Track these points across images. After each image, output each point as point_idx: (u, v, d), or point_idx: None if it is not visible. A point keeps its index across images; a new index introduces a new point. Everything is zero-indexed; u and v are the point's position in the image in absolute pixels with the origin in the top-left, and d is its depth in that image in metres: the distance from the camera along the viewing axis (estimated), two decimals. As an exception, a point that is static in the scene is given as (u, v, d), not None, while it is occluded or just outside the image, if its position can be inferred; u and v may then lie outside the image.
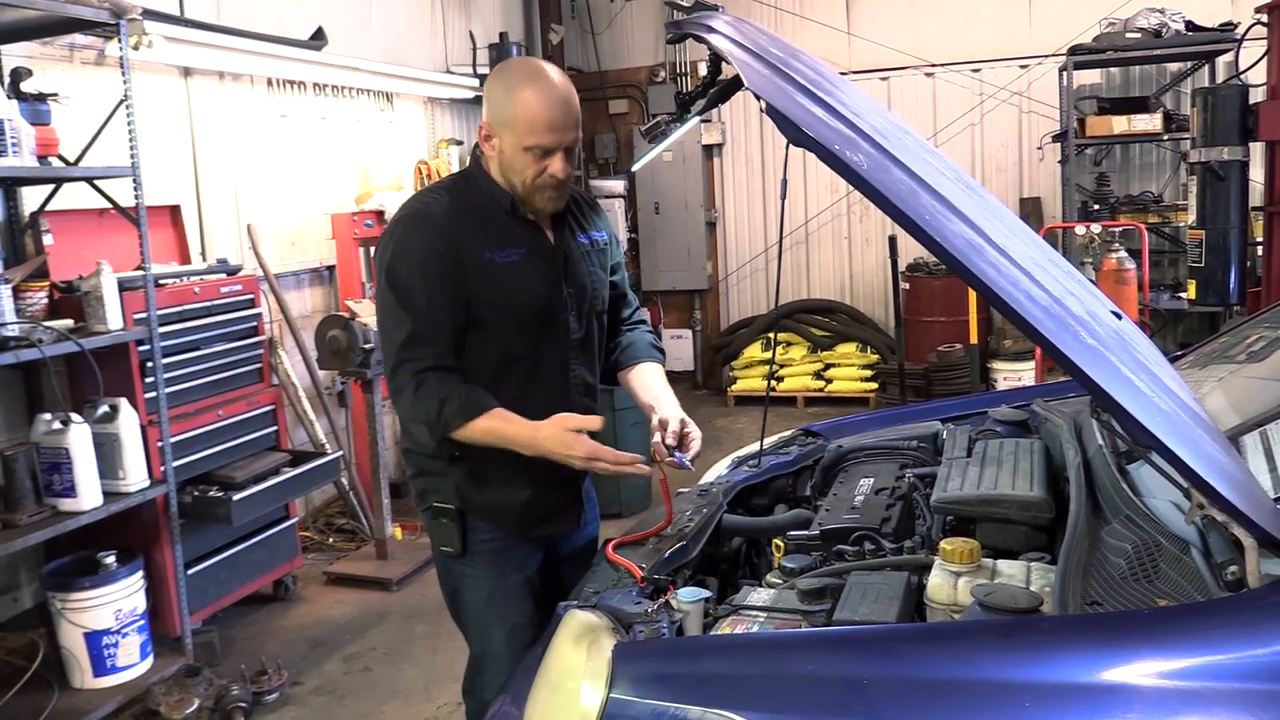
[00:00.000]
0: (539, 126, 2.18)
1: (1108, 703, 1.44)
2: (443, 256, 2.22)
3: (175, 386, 4.24)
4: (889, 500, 2.42)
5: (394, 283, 2.24)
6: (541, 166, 2.23)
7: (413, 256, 2.22)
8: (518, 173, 2.25)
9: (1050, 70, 7.93)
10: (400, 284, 2.23)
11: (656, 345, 2.66)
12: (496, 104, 2.24)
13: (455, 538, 2.43)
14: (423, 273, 2.21)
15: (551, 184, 2.25)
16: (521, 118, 2.19)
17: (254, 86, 5.61)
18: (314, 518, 5.90)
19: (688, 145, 8.98)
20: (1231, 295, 5.99)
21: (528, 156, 2.21)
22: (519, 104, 2.19)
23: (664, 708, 1.65)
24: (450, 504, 2.42)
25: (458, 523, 2.42)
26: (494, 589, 2.45)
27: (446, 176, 2.48)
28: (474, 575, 2.47)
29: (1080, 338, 1.66)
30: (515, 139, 2.21)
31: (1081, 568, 1.75)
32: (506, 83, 2.23)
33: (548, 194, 2.28)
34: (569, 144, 2.24)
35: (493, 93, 2.26)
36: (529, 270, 2.31)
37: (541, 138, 2.19)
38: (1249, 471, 1.81)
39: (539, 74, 2.22)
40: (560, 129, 2.20)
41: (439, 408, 2.20)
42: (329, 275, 6.18)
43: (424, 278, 2.22)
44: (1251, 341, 2.90)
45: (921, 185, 1.74)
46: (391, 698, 3.99)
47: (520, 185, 2.27)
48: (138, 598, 3.96)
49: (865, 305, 8.99)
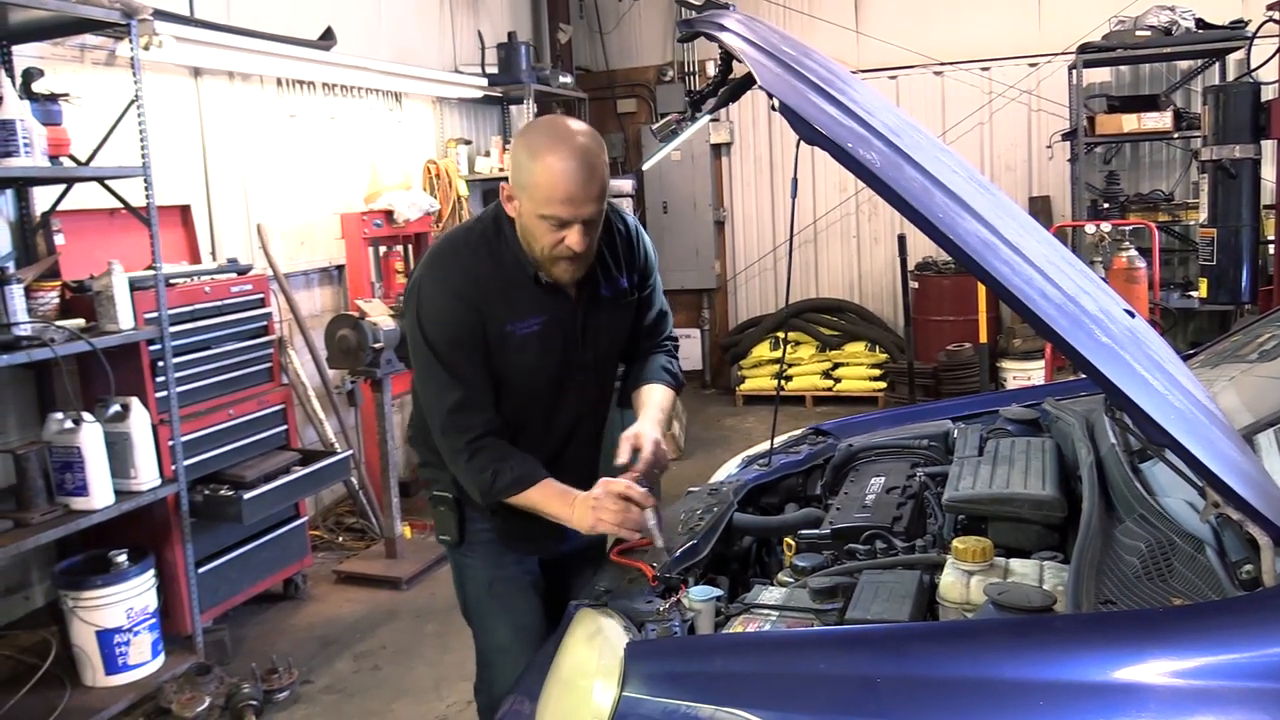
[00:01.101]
0: (555, 197, 2.08)
1: (1122, 702, 1.44)
2: (472, 327, 2.20)
3: (186, 386, 4.25)
4: (900, 499, 2.41)
5: (433, 348, 2.22)
6: (558, 237, 2.13)
7: (447, 328, 2.20)
8: (535, 239, 2.17)
9: (1060, 68, 7.91)
10: (439, 352, 2.21)
11: (669, 368, 2.54)
12: (517, 166, 2.14)
13: (453, 526, 2.47)
14: (458, 343, 2.20)
15: (567, 255, 2.16)
16: (540, 185, 2.08)
17: (263, 86, 5.62)
18: (324, 517, 5.91)
19: (696, 144, 8.97)
20: (1243, 294, 5.96)
21: (544, 225, 2.12)
22: (538, 171, 2.08)
23: (676, 706, 1.65)
24: (448, 492, 2.44)
25: (455, 511, 2.45)
26: (493, 578, 2.47)
27: (480, 221, 2.32)
28: (473, 565, 2.50)
29: (1094, 336, 1.66)
30: (532, 206, 2.11)
31: (1095, 566, 1.74)
32: (530, 145, 2.13)
33: (564, 265, 2.19)
34: (587, 217, 2.12)
35: (515, 154, 2.16)
36: (548, 339, 2.28)
37: (557, 209, 2.09)
38: (1264, 470, 1.81)
39: (564, 140, 2.09)
40: (578, 202, 2.09)
41: (491, 479, 2.22)
42: (338, 275, 6.18)
43: (460, 347, 2.20)
44: (1263, 340, 2.88)
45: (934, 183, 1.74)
46: (401, 696, 4.00)
47: (538, 252, 2.19)
48: (149, 596, 3.97)
49: (874, 304, 8.98)
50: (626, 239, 2.42)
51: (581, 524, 2.16)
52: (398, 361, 5.16)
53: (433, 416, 2.29)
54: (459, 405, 2.22)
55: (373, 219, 5.84)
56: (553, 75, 8.00)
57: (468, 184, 7.02)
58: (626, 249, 2.41)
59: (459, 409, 2.22)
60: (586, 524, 2.15)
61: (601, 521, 2.12)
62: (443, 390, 2.23)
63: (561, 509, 2.21)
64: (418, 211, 6.03)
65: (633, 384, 2.52)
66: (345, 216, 5.87)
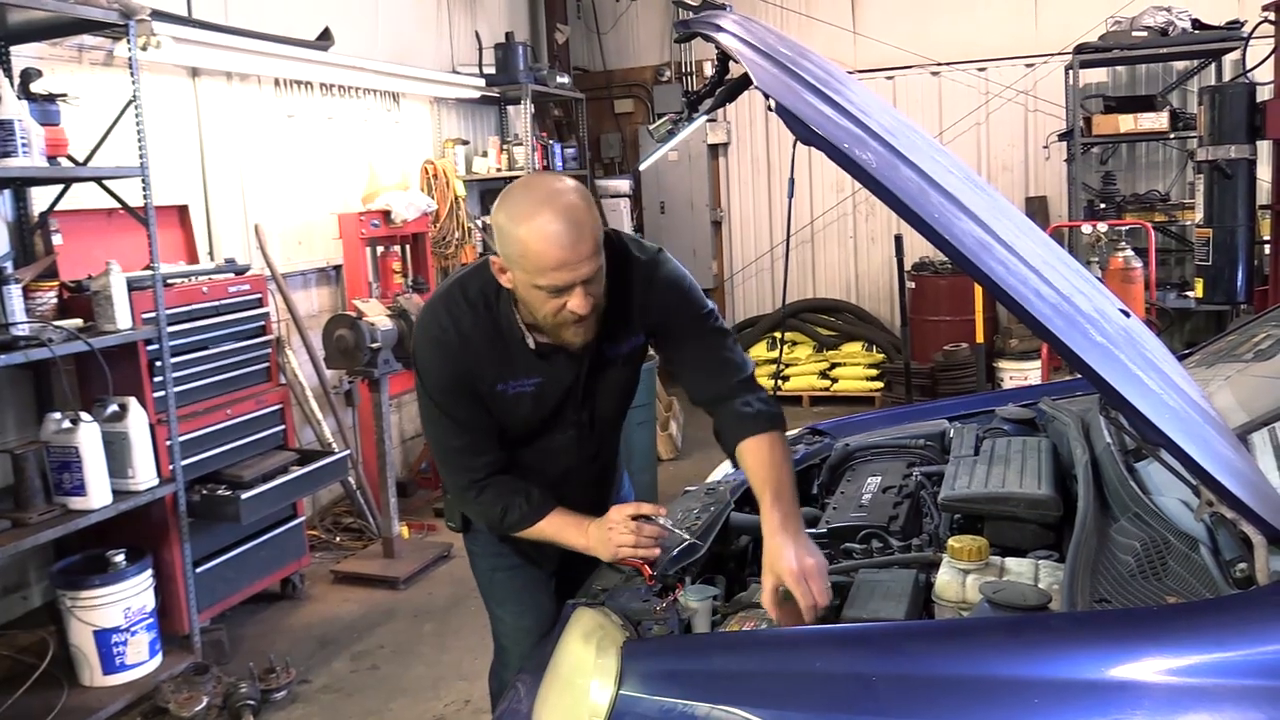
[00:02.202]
0: (547, 265, 1.93)
1: (1117, 700, 1.45)
2: (461, 379, 2.16)
3: (183, 385, 4.26)
4: (896, 498, 2.42)
5: (430, 395, 2.21)
6: (559, 304, 1.99)
7: (443, 382, 2.18)
8: (536, 309, 2.04)
9: (1056, 69, 7.92)
10: (436, 400, 2.20)
11: (743, 412, 2.20)
12: (502, 238, 2.00)
13: (458, 514, 2.49)
14: (452, 391, 2.18)
15: (573, 320, 2.02)
16: (529, 256, 1.94)
17: (261, 86, 5.62)
18: (321, 516, 5.91)
19: (693, 145, 8.98)
20: (1239, 294, 5.98)
21: (542, 294, 1.98)
22: (523, 240, 1.93)
23: (673, 704, 1.66)
24: None
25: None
26: (495, 565, 2.50)
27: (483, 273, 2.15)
28: (477, 553, 2.54)
29: (1089, 335, 1.66)
30: (526, 277, 1.98)
31: (1090, 565, 1.75)
32: (510, 214, 1.97)
33: (572, 329, 2.06)
34: (586, 277, 1.96)
35: (498, 226, 2.01)
36: (541, 397, 2.22)
37: (553, 278, 1.94)
38: (1258, 469, 1.82)
39: (545, 202, 1.93)
40: (571, 265, 1.93)
41: (501, 515, 2.25)
42: (336, 275, 6.18)
43: (454, 395, 2.18)
44: (1258, 340, 2.90)
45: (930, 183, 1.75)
46: (399, 695, 4.00)
47: (542, 321, 2.06)
48: (147, 596, 3.97)
49: (871, 304, 8.99)
50: (641, 284, 2.18)
51: (602, 554, 2.18)
52: (395, 361, 5.16)
53: (437, 455, 2.34)
54: (461, 449, 2.25)
55: (370, 219, 5.84)
56: (550, 75, 8.00)
57: (465, 184, 7.02)
58: (642, 296, 2.19)
59: (461, 452, 2.25)
60: (607, 554, 2.16)
61: (621, 548, 2.13)
62: (444, 434, 2.25)
63: (577, 538, 2.23)
64: (415, 212, 6.04)
65: (729, 444, 2.23)
66: (343, 217, 5.87)
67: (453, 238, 6.74)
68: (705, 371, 2.25)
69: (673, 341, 2.26)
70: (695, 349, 2.25)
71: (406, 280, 6.21)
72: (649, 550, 2.13)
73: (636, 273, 2.18)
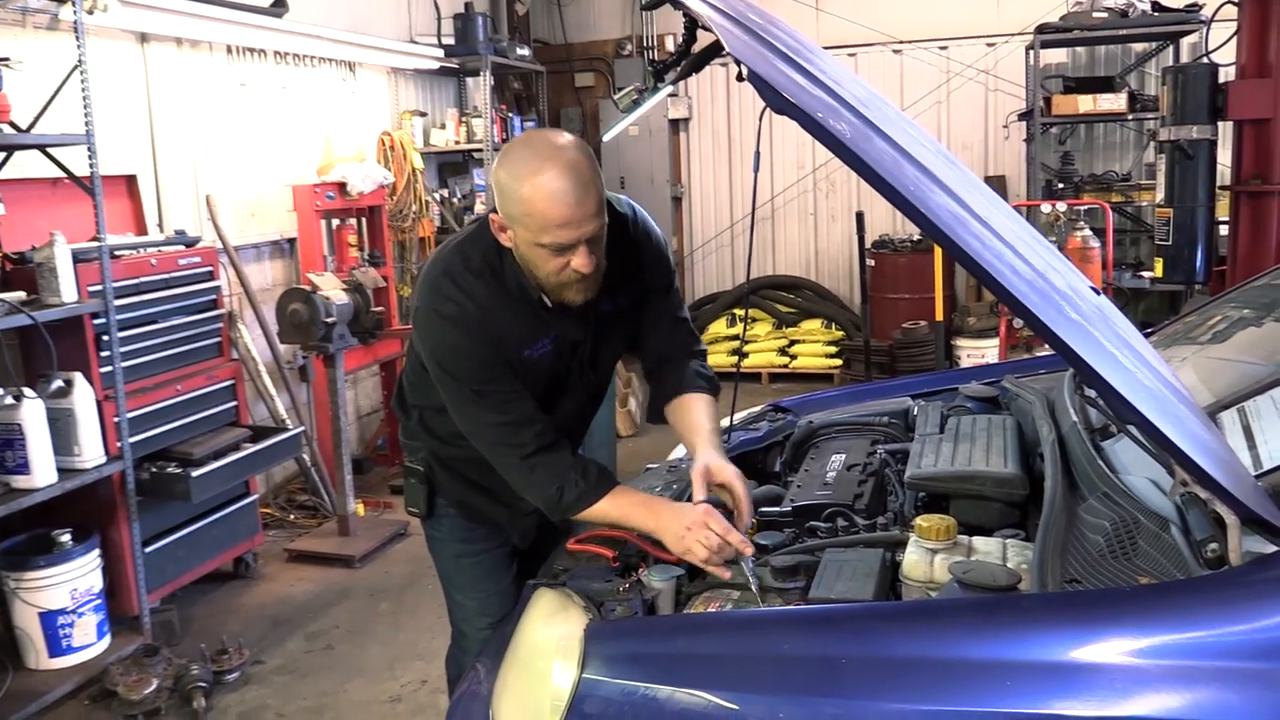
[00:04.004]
0: (551, 223, 1.89)
1: (1089, 681, 1.43)
2: (492, 354, 2.05)
3: (132, 361, 4.15)
4: (861, 476, 2.41)
5: (461, 381, 2.07)
6: (562, 263, 1.96)
7: (474, 362, 2.05)
8: (538, 268, 2.00)
9: (1017, 49, 7.93)
10: (469, 384, 2.07)
11: (703, 373, 2.35)
12: (504, 197, 1.95)
13: (422, 499, 2.41)
14: (485, 371, 2.05)
15: (576, 279, 1.99)
16: (533, 214, 1.90)
17: (213, 54, 5.48)
18: (275, 494, 5.82)
19: (654, 119, 8.91)
20: (1198, 274, 6.03)
21: (544, 252, 1.95)
22: (527, 198, 1.89)
23: (636, 687, 1.63)
24: (420, 466, 2.41)
25: (425, 484, 2.41)
26: (460, 552, 2.44)
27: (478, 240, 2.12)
28: (440, 539, 2.47)
29: (1064, 312, 1.64)
30: (529, 235, 1.94)
31: (1060, 545, 1.74)
32: (513, 170, 1.93)
33: (575, 289, 2.02)
34: (590, 236, 1.94)
35: (500, 183, 1.96)
36: (556, 356, 2.17)
37: (557, 235, 1.91)
38: (1230, 449, 1.81)
39: (550, 158, 1.89)
40: (576, 223, 1.90)
41: (558, 495, 2.07)
42: (290, 248, 6.06)
43: (488, 372, 2.06)
44: (1215, 322, 2.90)
45: (904, 156, 1.71)
46: (355, 676, 3.94)
47: (544, 280, 2.02)
48: (94, 576, 3.89)
49: (830, 282, 9.00)
50: (634, 242, 2.22)
51: (672, 545, 1.99)
52: (350, 336, 5.08)
53: (479, 441, 2.15)
54: (503, 425, 2.09)
55: (325, 191, 5.73)
56: (510, 48, 7.88)
57: (423, 157, 6.91)
58: (635, 252, 2.21)
59: (504, 428, 2.09)
60: (678, 549, 1.98)
61: (691, 552, 1.95)
62: (483, 414, 2.10)
63: (646, 520, 2.05)
64: (371, 184, 5.93)
65: (667, 395, 2.32)
66: (297, 188, 5.75)
67: (410, 211, 6.64)
68: (669, 328, 2.33)
69: (647, 295, 2.28)
70: (662, 304, 2.31)
71: (362, 254, 6.11)
72: (717, 569, 1.96)
73: (631, 235, 2.20)
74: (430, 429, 2.36)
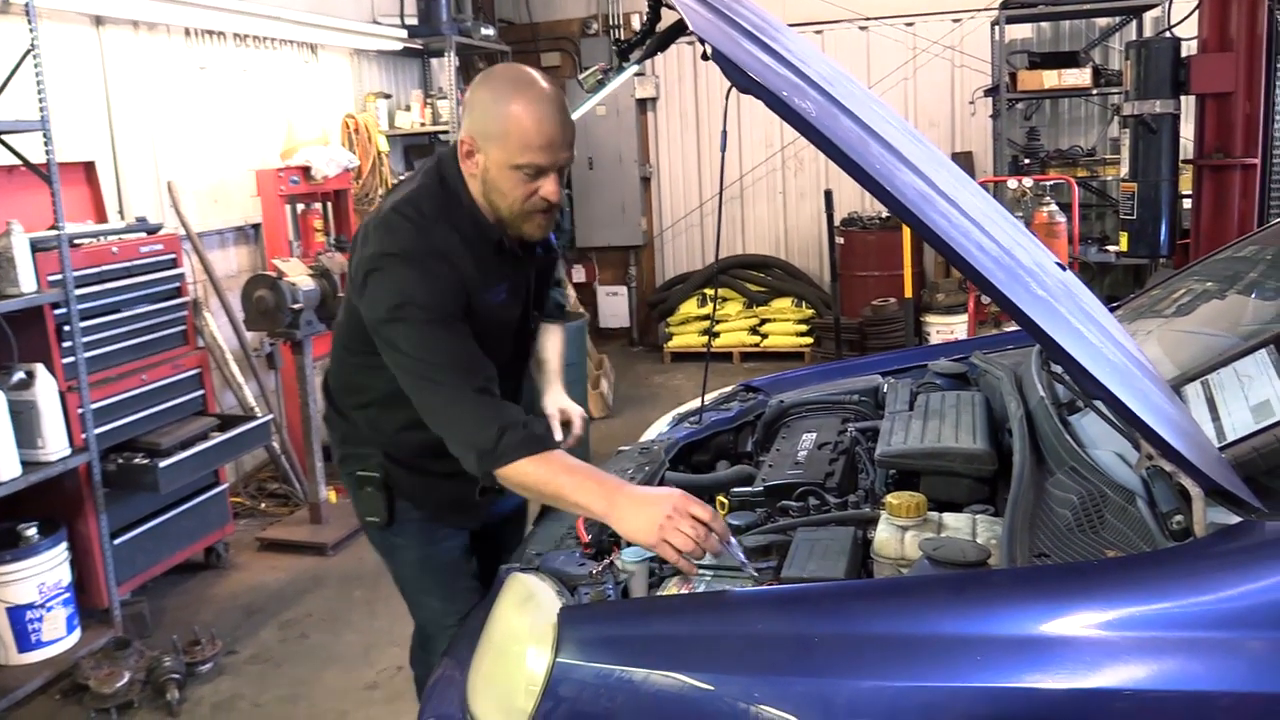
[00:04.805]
0: (533, 143, 1.93)
1: (1060, 654, 1.44)
2: (459, 293, 2.00)
3: (95, 351, 4.09)
4: (832, 455, 2.41)
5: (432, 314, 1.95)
6: (532, 189, 1.97)
7: (437, 296, 1.96)
8: (504, 195, 2.00)
9: (982, 24, 7.95)
10: (437, 310, 1.95)
11: (559, 301, 2.49)
12: (483, 115, 1.97)
13: (382, 507, 2.31)
14: (455, 299, 1.98)
15: (542, 208, 2.01)
16: (514, 132, 1.92)
17: (171, 36, 5.39)
18: (245, 483, 5.78)
19: (621, 99, 8.87)
20: (1162, 247, 6.08)
21: (517, 176, 1.96)
22: (511, 116, 1.92)
23: (611, 670, 1.63)
24: (375, 472, 2.29)
25: (384, 491, 2.30)
26: (426, 555, 2.36)
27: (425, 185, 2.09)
28: (403, 545, 2.37)
29: (1030, 289, 1.64)
30: (504, 156, 1.95)
31: (1028, 520, 1.75)
32: (496, 91, 1.96)
33: (537, 220, 2.03)
34: (564, 163, 1.99)
35: (478, 102, 1.98)
36: (510, 305, 2.17)
37: (536, 155, 1.94)
38: (1195, 422, 1.82)
39: (532, 83, 1.96)
40: (556, 147, 1.95)
41: (497, 436, 1.88)
42: (254, 234, 6.00)
43: (456, 302, 1.99)
44: (1180, 295, 2.93)
45: (870, 134, 1.70)
46: (330, 664, 3.92)
47: (506, 209, 2.02)
48: (62, 570, 3.85)
49: (800, 260, 9.01)
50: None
51: (637, 534, 1.78)
52: (318, 322, 5.03)
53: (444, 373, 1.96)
54: (465, 354, 1.98)
55: (289, 175, 5.66)
56: (474, 27, 7.81)
57: (388, 139, 6.84)
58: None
59: (465, 355, 1.97)
60: (648, 539, 1.76)
61: (667, 544, 1.74)
62: (450, 342, 1.97)
63: (594, 500, 1.83)
64: (336, 168, 5.86)
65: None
66: (261, 173, 5.68)
67: (376, 195, 6.56)
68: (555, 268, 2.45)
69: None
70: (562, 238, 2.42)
71: (329, 239, 6.04)
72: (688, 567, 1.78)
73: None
74: (379, 427, 2.28)
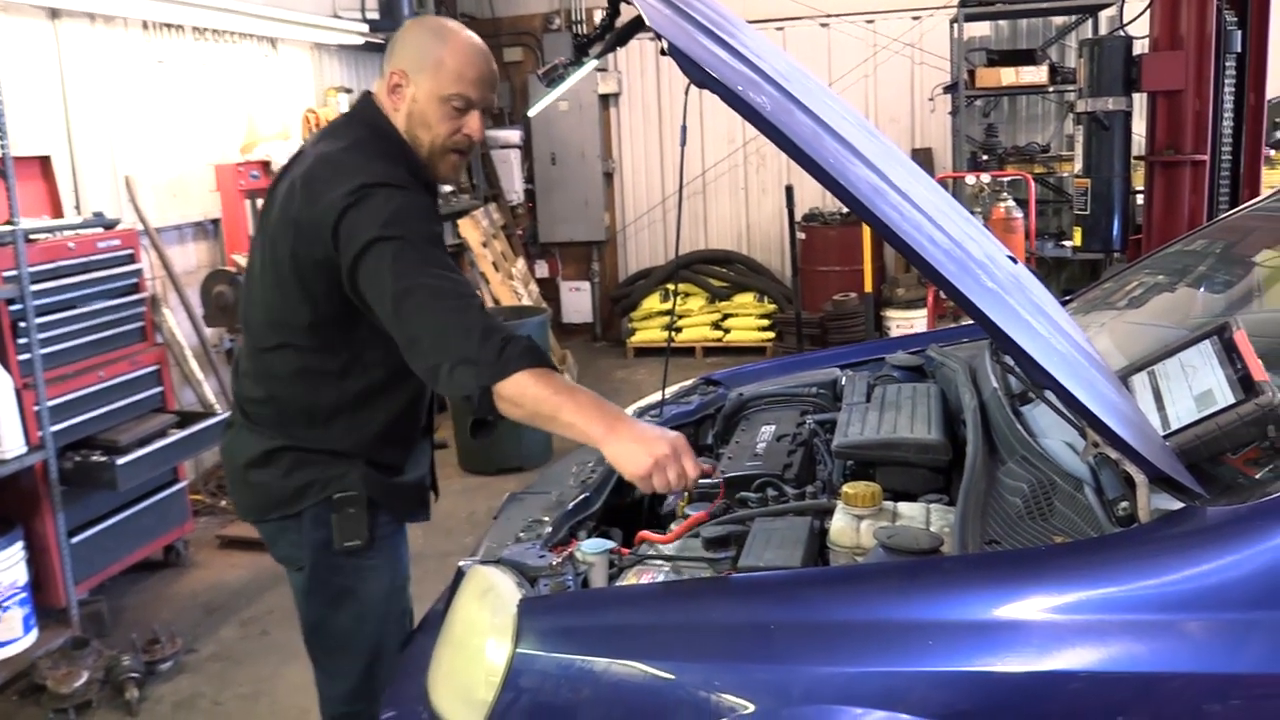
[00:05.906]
0: (468, 76, 2.02)
1: (1009, 638, 1.48)
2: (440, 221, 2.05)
3: (52, 347, 4.04)
4: (790, 447, 2.43)
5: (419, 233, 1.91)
6: (457, 125, 2.04)
7: (429, 218, 1.97)
8: (429, 128, 2.04)
9: (942, 22, 8.02)
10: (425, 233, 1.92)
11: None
12: (416, 49, 2.04)
13: (364, 527, 2.13)
14: (438, 221, 2.03)
15: (464, 145, 2.08)
16: (448, 63, 2.01)
17: (128, 29, 5.33)
18: (205, 480, 5.72)
19: (584, 94, 8.86)
20: (1115, 242, 6.18)
21: (445, 109, 2.02)
22: (449, 50, 2.02)
23: (571, 660, 1.64)
24: (355, 489, 2.12)
25: (367, 509, 2.14)
26: (394, 575, 2.26)
27: (355, 127, 2.11)
28: (375, 567, 2.20)
29: (981, 281, 1.68)
30: (435, 86, 2.02)
31: (980, 508, 1.78)
32: (429, 28, 2.08)
33: (451, 159, 2.09)
34: (490, 103, 2.09)
35: (411, 38, 2.08)
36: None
37: (467, 88, 2.02)
38: (1140, 411, 1.86)
39: (463, 27, 2.09)
40: (488, 83, 2.06)
41: (500, 345, 1.79)
42: (214, 229, 5.94)
43: (439, 224, 2.03)
44: (1131, 288, 2.99)
45: (825, 129, 1.73)
46: (291, 660, 3.90)
47: (428, 144, 2.06)
48: (18, 570, 3.80)
49: (762, 255, 9.06)
50: None
51: (629, 463, 1.75)
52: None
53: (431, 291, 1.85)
54: (459, 276, 1.93)
55: (249, 170, 5.62)
56: (436, 22, 7.77)
57: (349, 135, 6.78)
58: None
59: (459, 278, 1.92)
60: (638, 469, 1.74)
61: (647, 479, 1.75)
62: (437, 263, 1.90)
63: (594, 424, 1.78)
64: (297, 163, 5.82)
65: None
66: (220, 168, 5.64)
67: (337, 190, 6.53)
68: None
69: None
70: None
71: (289, 234, 6.00)
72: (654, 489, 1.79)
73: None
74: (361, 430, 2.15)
